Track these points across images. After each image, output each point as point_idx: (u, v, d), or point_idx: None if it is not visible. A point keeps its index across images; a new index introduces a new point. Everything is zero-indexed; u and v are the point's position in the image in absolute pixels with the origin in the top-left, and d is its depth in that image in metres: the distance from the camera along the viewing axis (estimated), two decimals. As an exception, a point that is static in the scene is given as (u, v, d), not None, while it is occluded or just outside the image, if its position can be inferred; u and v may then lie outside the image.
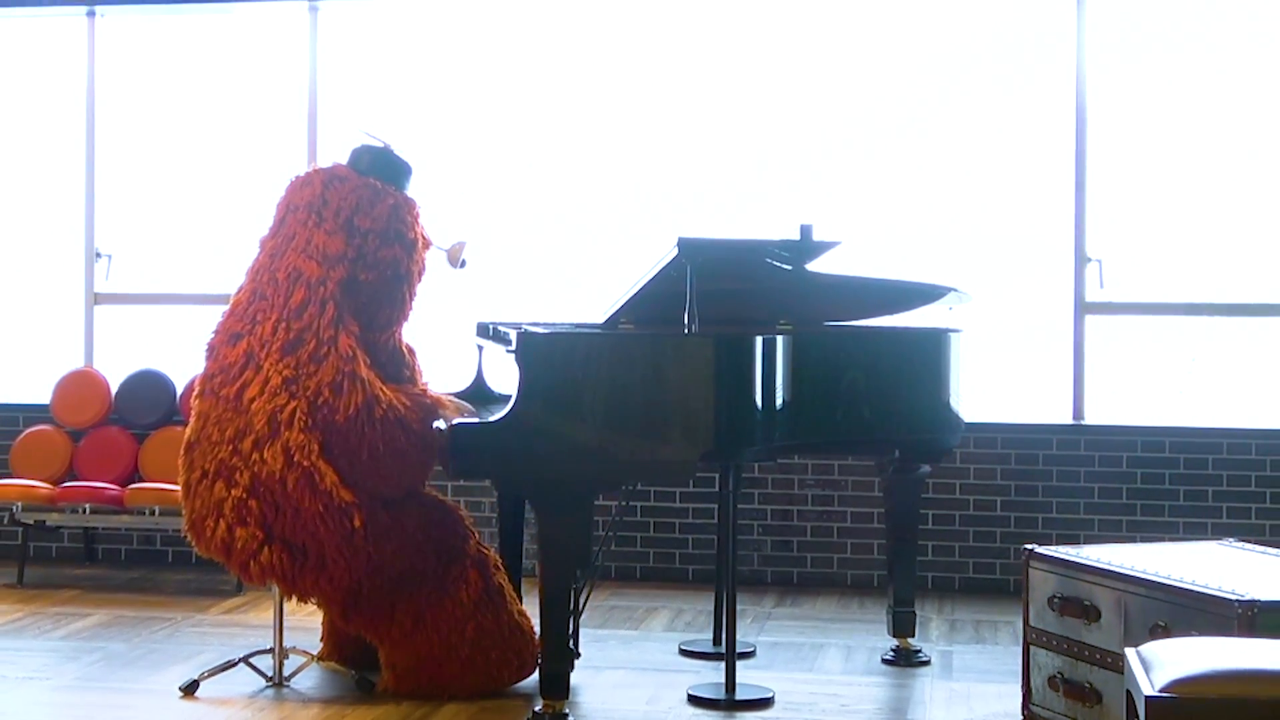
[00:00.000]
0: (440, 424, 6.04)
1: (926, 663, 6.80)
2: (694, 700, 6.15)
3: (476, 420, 5.99)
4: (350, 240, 6.11)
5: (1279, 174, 8.39)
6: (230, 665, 6.34)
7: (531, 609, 6.10)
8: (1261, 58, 8.42)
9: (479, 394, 6.82)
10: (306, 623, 7.00)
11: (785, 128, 8.76)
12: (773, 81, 8.77)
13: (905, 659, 6.80)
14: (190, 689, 6.21)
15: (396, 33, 9.09)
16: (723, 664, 6.25)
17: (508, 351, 5.94)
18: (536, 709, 5.81)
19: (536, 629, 5.97)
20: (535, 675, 6.02)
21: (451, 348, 7.35)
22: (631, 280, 6.39)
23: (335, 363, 5.93)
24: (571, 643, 6.05)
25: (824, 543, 8.51)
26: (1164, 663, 4.28)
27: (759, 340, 5.86)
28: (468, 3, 8.88)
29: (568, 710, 5.81)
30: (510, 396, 5.76)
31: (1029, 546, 5.95)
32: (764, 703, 6.12)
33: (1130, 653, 4.51)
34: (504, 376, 6.57)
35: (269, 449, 5.86)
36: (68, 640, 7.14)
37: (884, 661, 6.81)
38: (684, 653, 6.95)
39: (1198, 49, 8.46)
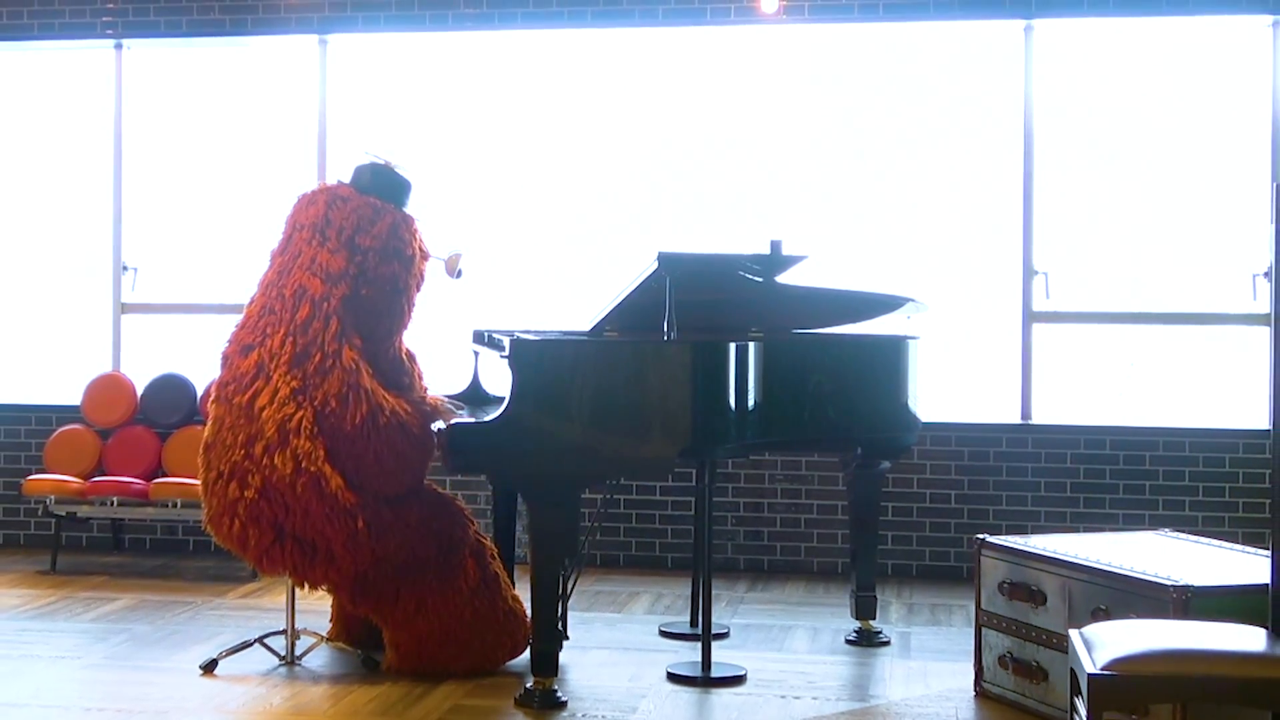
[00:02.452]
0: (439, 425, 6.03)
1: (887, 643, 6.78)
2: (673, 678, 6.13)
3: (473, 420, 5.97)
4: (352, 258, 6.08)
5: (1210, 195, 8.41)
6: (246, 645, 6.32)
7: (523, 593, 6.09)
8: (1194, 88, 8.43)
9: (474, 396, 6.80)
10: (317, 606, 6.96)
11: (757, 151, 8.75)
12: (746, 109, 8.76)
13: (867, 640, 6.79)
14: (209, 667, 6.19)
15: (399, 63, 9.07)
16: (699, 644, 6.23)
17: (501, 356, 5.91)
18: (528, 686, 5.79)
19: (528, 613, 5.96)
20: (527, 655, 6.01)
21: (449, 353, 7.32)
22: (615, 291, 6.37)
23: (340, 375, 5.90)
24: (560, 625, 6.03)
25: (792, 532, 8.49)
26: (1105, 643, 4.27)
27: (732, 346, 5.84)
28: (465, 36, 8.86)
29: (556, 687, 5.78)
30: (504, 398, 5.74)
31: (980, 536, 5.95)
32: (737, 680, 6.10)
33: (1074, 634, 4.51)
34: (498, 379, 6.54)
35: (279, 455, 5.83)
36: (97, 622, 7.11)
37: (847, 642, 6.79)
38: (663, 634, 6.93)
39: (1136, 80, 8.47)
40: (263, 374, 5.96)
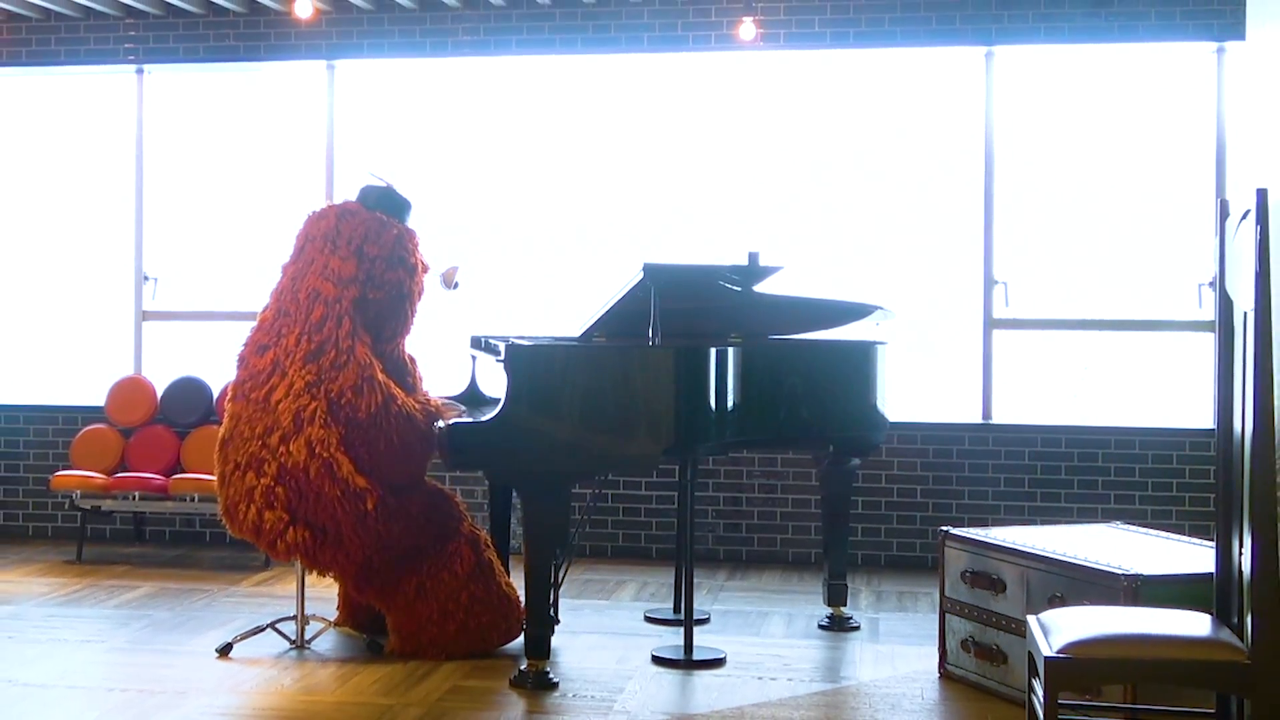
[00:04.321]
0: (440, 424, 6.04)
1: (857, 628, 6.78)
2: (657, 660, 6.12)
3: (470, 420, 5.96)
4: (361, 264, 6.12)
5: (1159, 209, 8.41)
6: (259, 630, 6.32)
7: (517, 582, 6.08)
8: (1144, 110, 8.44)
9: (472, 397, 6.79)
10: (325, 594, 6.95)
11: (737, 168, 8.74)
12: (727, 129, 8.76)
13: (838, 625, 6.78)
14: (225, 650, 6.17)
15: (402, 86, 9.06)
16: (682, 629, 6.22)
17: (497, 361, 5.91)
18: (522, 668, 5.78)
19: (522, 599, 5.95)
20: (520, 639, 6.01)
21: (449, 357, 7.31)
22: (604, 299, 6.36)
23: (356, 369, 5.95)
24: (552, 611, 6.02)
25: (768, 525, 8.48)
26: (1060, 628, 4.27)
27: (713, 351, 5.83)
28: (464, 61, 8.85)
29: (549, 669, 5.78)
30: (499, 399, 5.73)
31: (944, 528, 5.95)
32: (717, 662, 6.09)
33: (1031, 619, 4.51)
34: (494, 382, 6.53)
35: (294, 442, 5.86)
36: (119, 609, 7.08)
37: (820, 627, 6.79)
38: (648, 619, 6.92)
39: (1090, 102, 8.47)
40: (278, 370, 6.00)
